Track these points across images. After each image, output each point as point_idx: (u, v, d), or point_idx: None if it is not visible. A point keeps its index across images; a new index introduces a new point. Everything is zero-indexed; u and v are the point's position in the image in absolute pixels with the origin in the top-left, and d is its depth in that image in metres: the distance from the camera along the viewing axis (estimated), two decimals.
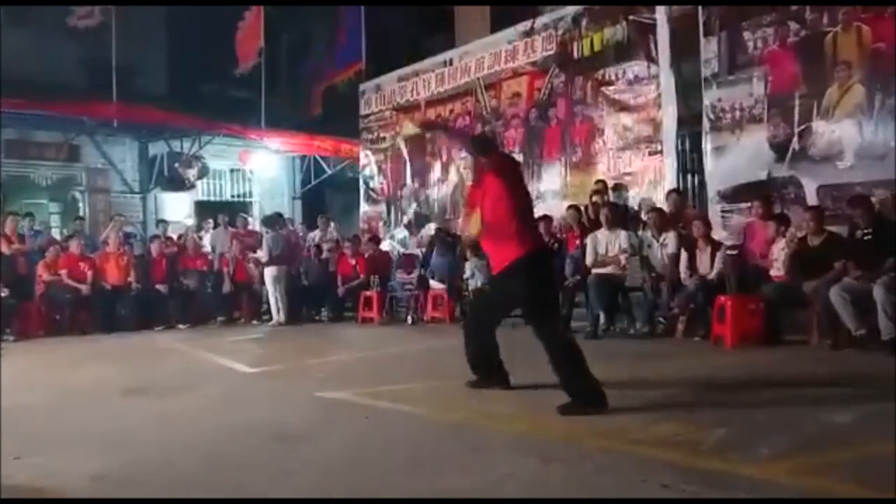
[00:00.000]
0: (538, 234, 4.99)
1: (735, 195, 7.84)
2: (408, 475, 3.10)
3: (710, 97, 8.07)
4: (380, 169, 13.42)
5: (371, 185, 13.63)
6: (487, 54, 11.07)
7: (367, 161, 13.69)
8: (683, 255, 7.25)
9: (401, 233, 12.73)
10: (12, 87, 10.76)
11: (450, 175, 11.86)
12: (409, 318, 9.87)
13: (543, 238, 4.82)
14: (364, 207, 13.84)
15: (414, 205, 12.61)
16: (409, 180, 12.73)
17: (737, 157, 7.86)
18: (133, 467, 3.33)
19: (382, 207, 13.37)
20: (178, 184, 13.89)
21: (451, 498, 2.81)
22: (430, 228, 11.63)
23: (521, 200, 4.41)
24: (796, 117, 7.32)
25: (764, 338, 6.42)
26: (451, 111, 11.70)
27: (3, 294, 9.03)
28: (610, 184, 9.01)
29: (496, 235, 4.35)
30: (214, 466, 3.32)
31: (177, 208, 14.47)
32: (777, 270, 6.72)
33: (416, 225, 12.48)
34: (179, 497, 2.90)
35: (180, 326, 10.15)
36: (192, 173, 13.74)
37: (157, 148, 14.24)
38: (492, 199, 4.31)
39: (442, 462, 3.26)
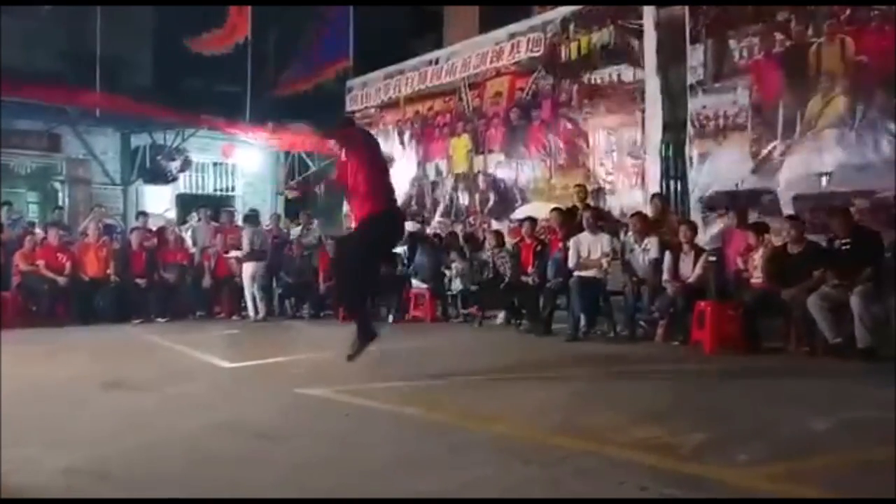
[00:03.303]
0: (390, 194, 5.55)
1: (716, 201, 7.90)
2: (387, 475, 3.08)
3: (694, 104, 8.13)
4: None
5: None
6: (474, 55, 11.07)
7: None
8: (668, 258, 7.29)
9: None
10: None
11: (426, 171, 11.84)
12: (390, 316, 9.85)
13: (394, 197, 5.61)
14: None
15: None
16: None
17: (720, 164, 7.92)
18: (108, 461, 3.28)
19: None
20: (160, 176, 13.73)
21: (431, 498, 2.80)
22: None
23: (376, 168, 5.35)
24: (779, 128, 7.38)
25: (742, 344, 6.47)
26: (431, 108, 11.68)
27: None
28: (591, 187, 9.04)
29: (358, 196, 5.34)
30: (190, 462, 3.29)
31: (158, 201, 14.30)
32: (757, 278, 6.78)
33: None
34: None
35: (159, 320, 10.04)
36: (174, 166, 13.59)
37: (140, 140, 14.05)
38: (354, 168, 5.27)
39: (421, 462, 3.25)
